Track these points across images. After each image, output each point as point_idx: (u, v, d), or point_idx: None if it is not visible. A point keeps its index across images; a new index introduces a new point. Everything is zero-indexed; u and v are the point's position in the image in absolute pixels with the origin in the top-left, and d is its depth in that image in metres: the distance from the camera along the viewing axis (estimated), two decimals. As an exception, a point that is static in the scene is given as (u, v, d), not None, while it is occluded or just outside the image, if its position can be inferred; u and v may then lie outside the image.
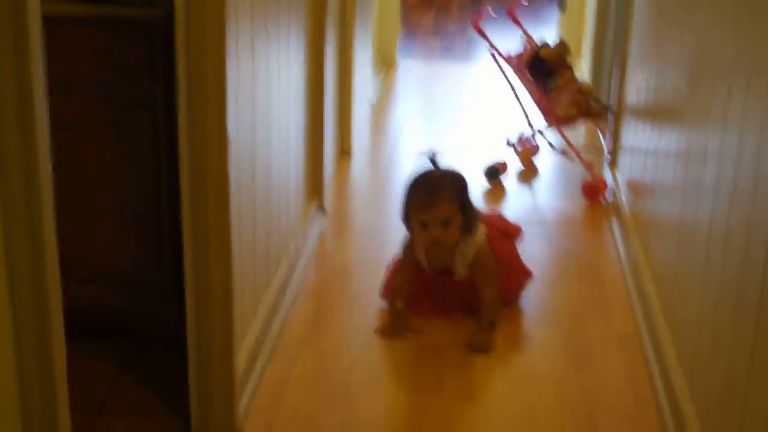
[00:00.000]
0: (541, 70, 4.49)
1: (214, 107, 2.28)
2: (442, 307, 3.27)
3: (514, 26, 4.80)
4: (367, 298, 3.35)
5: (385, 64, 6.59)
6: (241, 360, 2.61)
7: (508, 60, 4.52)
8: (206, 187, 2.34)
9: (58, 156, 2.67)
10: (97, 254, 2.82)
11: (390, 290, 3.27)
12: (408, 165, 4.85)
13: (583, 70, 5.95)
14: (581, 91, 4.44)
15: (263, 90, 2.78)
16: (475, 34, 4.60)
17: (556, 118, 4.46)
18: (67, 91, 2.64)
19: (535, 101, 4.55)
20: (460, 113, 5.71)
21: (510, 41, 4.77)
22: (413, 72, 6.69)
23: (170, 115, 2.35)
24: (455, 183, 3.14)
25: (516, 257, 3.36)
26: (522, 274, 3.34)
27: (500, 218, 3.54)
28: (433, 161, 3.17)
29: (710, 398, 2.28)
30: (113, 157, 2.72)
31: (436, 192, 3.07)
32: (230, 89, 2.31)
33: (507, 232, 3.45)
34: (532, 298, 3.39)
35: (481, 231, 3.18)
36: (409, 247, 3.23)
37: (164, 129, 2.64)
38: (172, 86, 2.35)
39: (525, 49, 4.63)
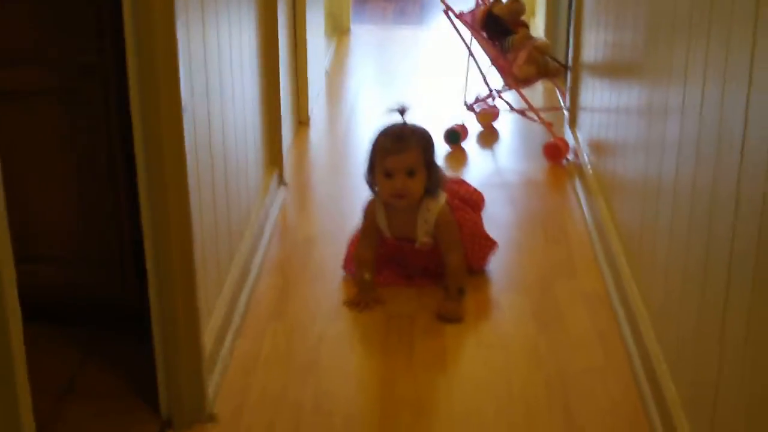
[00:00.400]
0: (496, 28, 4.45)
1: (165, 71, 2.21)
2: (405, 276, 3.24)
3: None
4: (333, 271, 3.31)
5: (338, 30, 6.53)
6: (208, 338, 2.56)
7: (461, 17, 4.47)
8: (162, 158, 2.27)
9: (5, 126, 2.64)
10: (51, 231, 2.75)
11: (353, 262, 3.23)
12: (366, 132, 4.80)
13: (538, 28, 5.91)
14: (538, 48, 4.40)
15: (214, 57, 2.72)
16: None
17: (513, 78, 4.42)
18: (11, 59, 2.58)
19: (491, 60, 4.51)
20: (417, 78, 5.66)
21: (464, 1, 4.72)
22: (367, 37, 6.63)
23: (123, 80, 2.28)
24: (423, 137, 3.12)
25: (480, 226, 3.31)
26: (486, 244, 3.29)
27: (463, 185, 3.49)
28: (402, 113, 3.13)
29: (682, 350, 2.28)
30: (65, 127, 2.65)
31: (403, 139, 3.05)
32: (182, 52, 2.25)
33: (470, 201, 3.40)
34: (498, 263, 3.36)
35: (442, 197, 3.14)
36: (370, 213, 3.18)
37: (116, 95, 2.57)
38: (123, 51, 2.27)
39: (478, 6, 4.58)
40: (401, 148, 3.04)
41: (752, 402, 1.77)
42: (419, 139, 3.08)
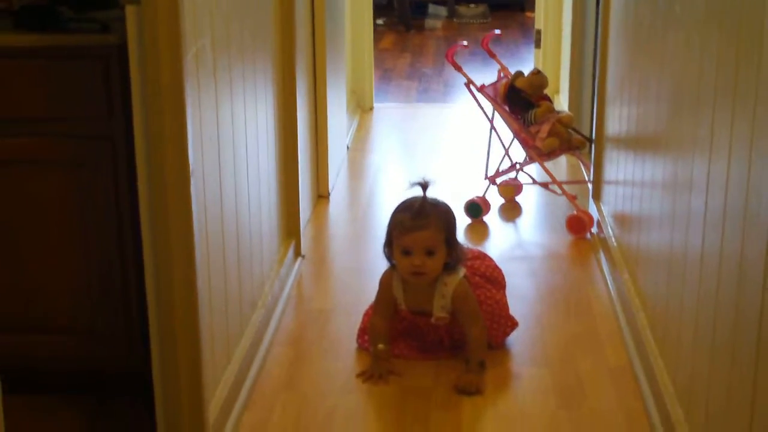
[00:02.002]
0: (519, 101, 4.39)
1: (172, 135, 2.16)
2: (420, 349, 3.13)
3: (489, 60, 4.72)
4: (347, 343, 3.22)
5: (361, 108, 6.52)
6: (213, 410, 2.47)
7: (483, 90, 4.42)
8: (168, 224, 2.22)
9: (12, 196, 2.58)
10: (58, 301, 2.68)
11: (367, 334, 3.13)
12: (387, 207, 4.74)
13: (562, 104, 5.87)
14: (561, 121, 4.34)
15: (228, 127, 2.68)
16: (451, 75, 4.51)
17: (536, 151, 4.35)
18: (19, 128, 2.55)
19: (514, 134, 4.45)
20: (439, 154, 5.61)
21: (486, 76, 4.68)
22: (389, 115, 6.60)
23: (132, 149, 2.23)
24: (443, 213, 3.04)
25: (502, 305, 3.21)
26: (507, 323, 3.18)
27: (485, 259, 3.37)
28: (424, 188, 3.04)
29: (710, 429, 2.16)
30: (73, 196, 2.60)
31: (423, 216, 2.97)
32: (191, 118, 2.20)
33: (491, 278, 3.29)
34: (519, 336, 3.25)
35: (461, 271, 3.05)
36: (386, 284, 3.09)
37: (126, 164, 2.51)
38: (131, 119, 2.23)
39: (500, 79, 4.53)
40: (421, 226, 2.95)
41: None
42: (439, 215, 3.01)
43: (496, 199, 4.66)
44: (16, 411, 1.73)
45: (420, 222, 2.96)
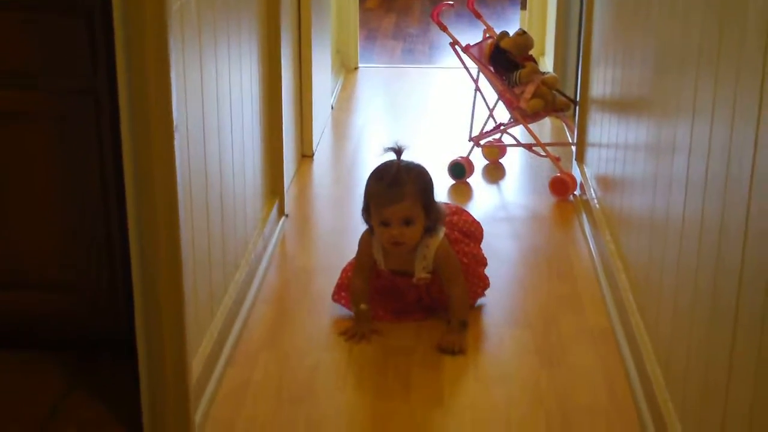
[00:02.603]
0: (504, 62, 4.38)
1: (156, 89, 2.15)
2: (398, 310, 3.14)
3: (474, 20, 4.70)
4: (330, 302, 3.22)
5: (345, 68, 6.49)
6: (196, 366, 2.48)
7: (468, 51, 4.40)
8: (152, 184, 2.21)
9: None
10: (41, 257, 2.68)
11: (344, 290, 3.15)
12: (370, 168, 4.74)
13: (547, 66, 5.86)
14: (546, 82, 4.34)
15: (212, 83, 2.67)
16: (437, 35, 4.50)
17: (520, 112, 4.35)
18: (3, 80, 2.54)
19: (498, 95, 4.45)
20: (423, 115, 5.60)
21: (471, 37, 4.67)
22: (374, 75, 6.58)
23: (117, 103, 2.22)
24: (419, 178, 2.99)
25: (479, 259, 3.22)
26: (479, 283, 3.20)
27: (462, 214, 3.35)
28: (397, 153, 3.02)
29: (689, 389, 2.19)
30: (56, 151, 2.59)
31: (398, 186, 2.93)
32: (175, 73, 2.19)
33: (469, 233, 3.29)
34: (501, 297, 3.27)
35: (441, 231, 3.05)
36: (365, 244, 3.09)
37: (110, 118, 2.50)
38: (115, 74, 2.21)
39: (485, 39, 4.52)
40: (397, 197, 2.92)
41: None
42: (415, 182, 2.96)
43: (479, 161, 4.66)
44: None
45: (396, 193, 2.92)
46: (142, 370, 2.34)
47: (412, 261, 3.02)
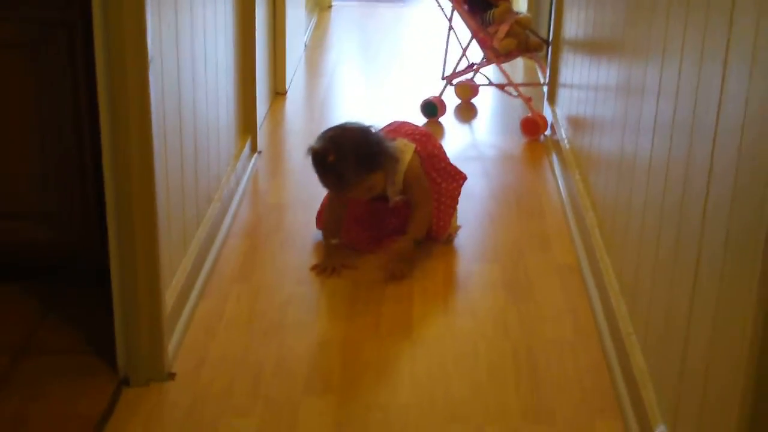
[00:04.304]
0: (478, 1, 4.39)
1: (131, 20, 2.15)
2: (377, 238, 3.18)
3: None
4: (301, 236, 3.26)
5: (319, 6, 6.47)
6: (170, 297, 2.51)
7: (443, -10, 4.42)
8: (127, 116, 2.23)
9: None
10: (13, 186, 2.69)
11: (323, 223, 3.18)
12: (343, 105, 4.76)
13: (521, 5, 5.87)
14: (519, 22, 4.36)
15: (186, 16, 2.67)
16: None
17: (493, 51, 4.37)
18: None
19: (472, 34, 4.46)
20: (397, 53, 5.61)
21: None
22: (348, 13, 6.57)
23: (90, 33, 2.22)
24: (356, 154, 2.96)
25: (445, 161, 3.26)
26: (455, 179, 3.25)
27: (407, 126, 3.32)
28: (320, 150, 2.97)
29: (652, 322, 2.24)
30: (28, 81, 2.59)
31: (342, 178, 2.97)
32: (149, 8, 2.19)
33: (420, 135, 3.26)
34: (470, 233, 3.32)
35: (406, 152, 3.08)
36: None
37: (83, 49, 2.50)
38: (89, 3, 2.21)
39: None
40: (345, 187, 3.00)
41: (718, 375, 1.73)
42: (355, 164, 2.94)
43: (452, 100, 4.68)
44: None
45: (342, 185, 2.99)
46: (115, 299, 2.36)
47: (384, 191, 3.08)
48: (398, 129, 3.25)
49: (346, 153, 2.94)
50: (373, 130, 3.08)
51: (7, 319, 2.65)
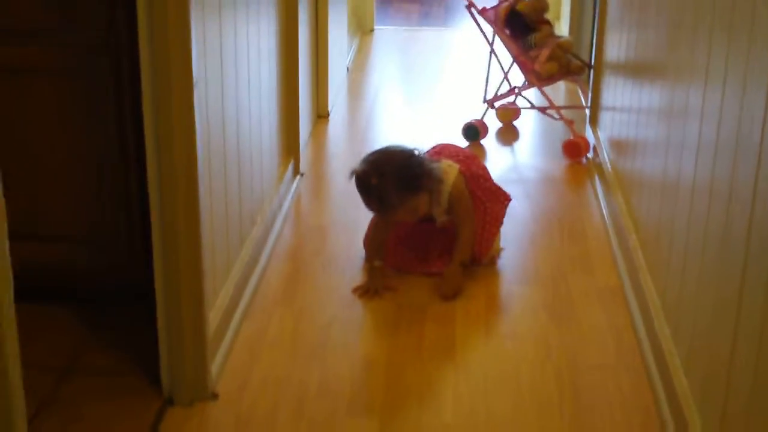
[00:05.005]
0: (520, 25, 4.41)
1: (176, 50, 2.18)
2: (422, 258, 3.19)
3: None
4: (344, 259, 3.27)
5: (361, 30, 6.51)
6: (213, 318, 2.53)
7: (484, 14, 4.43)
8: (171, 132, 2.25)
9: (13, 104, 2.62)
10: (59, 210, 2.73)
11: (366, 245, 3.20)
12: (386, 128, 4.78)
13: (562, 29, 5.87)
14: (561, 46, 4.36)
15: (230, 41, 2.70)
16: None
17: (535, 75, 4.37)
18: (20, 37, 2.57)
19: (513, 58, 4.47)
20: (438, 77, 5.63)
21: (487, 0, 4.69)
22: (390, 37, 6.60)
23: (136, 58, 2.26)
24: (398, 176, 2.96)
25: (489, 182, 3.27)
26: (499, 200, 3.26)
27: (451, 148, 3.34)
28: (363, 173, 2.99)
29: (696, 343, 2.23)
30: (75, 105, 2.63)
31: (385, 201, 2.98)
32: (194, 32, 2.22)
33: (464, 157, 3.27)
34: (513, 256, 3.32)
35: (450, 173, 3.08)
36: None
37: (129, 74, 2.54)
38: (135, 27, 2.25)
39: (501, 2, 4.54)
40: (388, 210, 3.02)
41: (763, 396, 1.72)
42: (397, 188, 2.95)
43: (494, 123, 4.69)
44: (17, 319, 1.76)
45: (386, 209, 3.02)
46: (160, 320, 2.39)
47: (431, 211, 3.10)
48: (442, 151, 3.26)
49: (389, 175, 2.95)
50: (417, 153, 3.08)
51: (53, 341, 2.68)
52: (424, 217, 3.12)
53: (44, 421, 2.33)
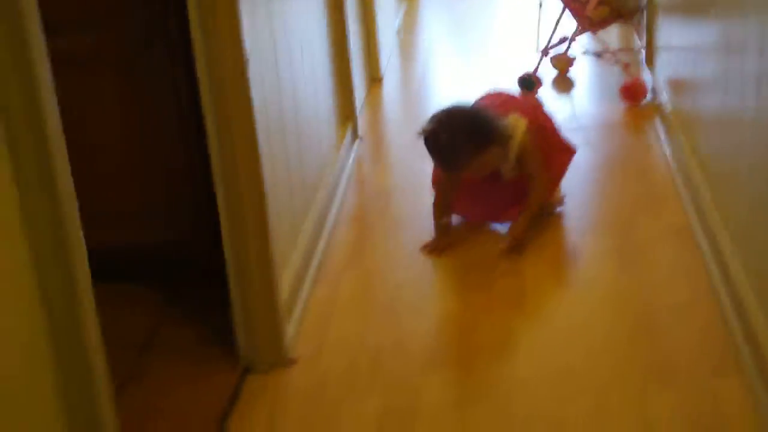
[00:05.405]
0: (568, -29, 4.36)
1: (226, 29, 2.20)
2: (492, 212, 3.20)
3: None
4: (409, 220, 3.28)
5: (408, -9, 6.48)
6: (284, 287, 2.56)
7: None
8: (228, 110, 2.27)
9: (76, 93, 2.65)
10: (126, 191, 2.78)
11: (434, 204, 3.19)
12: (439, 88, 4.77)
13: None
14: (611, -11, 4.31)
15: (279, 13, 2.70)
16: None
17: (588, 20, 4.33)
18: (77, 27, 2.60)
19: (564, 4, 4.42)
20: (489, 31, 5.60)
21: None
22: (437, -3, 6.56)
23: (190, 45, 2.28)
24: (467, 132, 2.95)
25: (555, 133, 3.26)
26: (565, 151, 3.25)
27: (516, 101, 3.31)
28: (431, 131, 2.96)
29: (767, 276, 2.21)
30: (134, 91, 2.66)
31: (455, 157, 2.96)
32: (244, 10, 2.24)
33: (531, 108, 3.26)
34: (577, 203, 3.30)
35: (519, 127, 3.05)
36: None
37: (184, 60, 2.56)
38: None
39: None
40: (460, 168, 3.01)
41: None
42: (469, 145, 2.94)
43: (549, 72, 4.65)
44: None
45: (457, 167, 2.99)
46: (233, 291, 2.42)
47: (498, 168, 3.08)
48: (507, 103, 3.22)
49: (458, 132, 2.94)
50: (484, 109, 3.07)
51: (129, 319, 2.73)
52: (492, 174, 3.11)
53: (129, 396, 2.37)
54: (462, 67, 5.08)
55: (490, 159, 3.00)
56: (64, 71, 2.24)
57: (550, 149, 3.17)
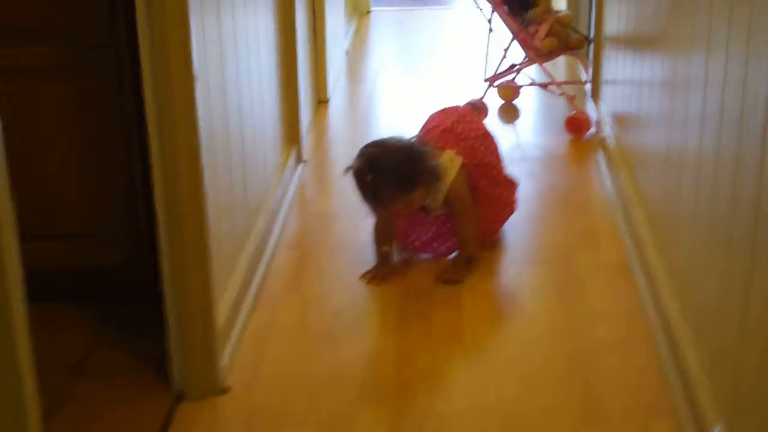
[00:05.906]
0: (518, 1, 4.38)
1: (176, 46, 2.17)
2: (431, 243, 3.19)
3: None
4: (350, 245, 3.27)
5: (358, 12, 6.48)
6: (221, 313, 2.52)
7: (482, -8, 4.42)
8: (175, 135, 2.25)
9: (17, 104, 2.61)
10: (64, 209, 2.73)
11: (374, 231, 3.19)
12: (386, 112, 4.77)
13: (560, 4, 5.84)
14: (559, 21, 4.35)
15: (230, 32, 2.69)
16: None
17: (535, 51, 4.36)
18: (21, 37, 2.57)
19: (513, 34, 4.45)
20: (437, 57, 5.61)
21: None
22: (386, 18, 6.58)
23: (137, 55, 2.25)
24: (394, 173, 2.90)
25: (496, 167, 3.22)
26: (503, 210, 3.24)
27: (463, 126, 3.21)
28: (358, 169, 2.95)
29: (705, 319, 2.22)
30: (77, 105, 2.63)
31: (380, 197, 2.94)
32: (194, 23, 2.21)
33: (473, 141, 3.19)
34: (518, 235, 3.31)
35: (452, 168, 3.02)
36: None
37: (130, 71, 2.53)
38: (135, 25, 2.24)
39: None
40: (385, 205, 2.98)
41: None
42: (394, 183, 2.90)
43: (495, 101, 4.67)
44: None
45: (382, 204, 2.97)
46: (168, 315, 2.38)
47: (426, 205, 3.07)
48: (453, 129, 3.16)
49: (384, 172, 2.89)
50: (417, 146, 3.01)
51: (62, 340, 2.68)
52: (423, 208, 3.10)
53: (58, 419, 2.33)
54: (410, 90, 5.09)
55: (416, 198, 2.97)
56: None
57: (491, 185, 3.16)
